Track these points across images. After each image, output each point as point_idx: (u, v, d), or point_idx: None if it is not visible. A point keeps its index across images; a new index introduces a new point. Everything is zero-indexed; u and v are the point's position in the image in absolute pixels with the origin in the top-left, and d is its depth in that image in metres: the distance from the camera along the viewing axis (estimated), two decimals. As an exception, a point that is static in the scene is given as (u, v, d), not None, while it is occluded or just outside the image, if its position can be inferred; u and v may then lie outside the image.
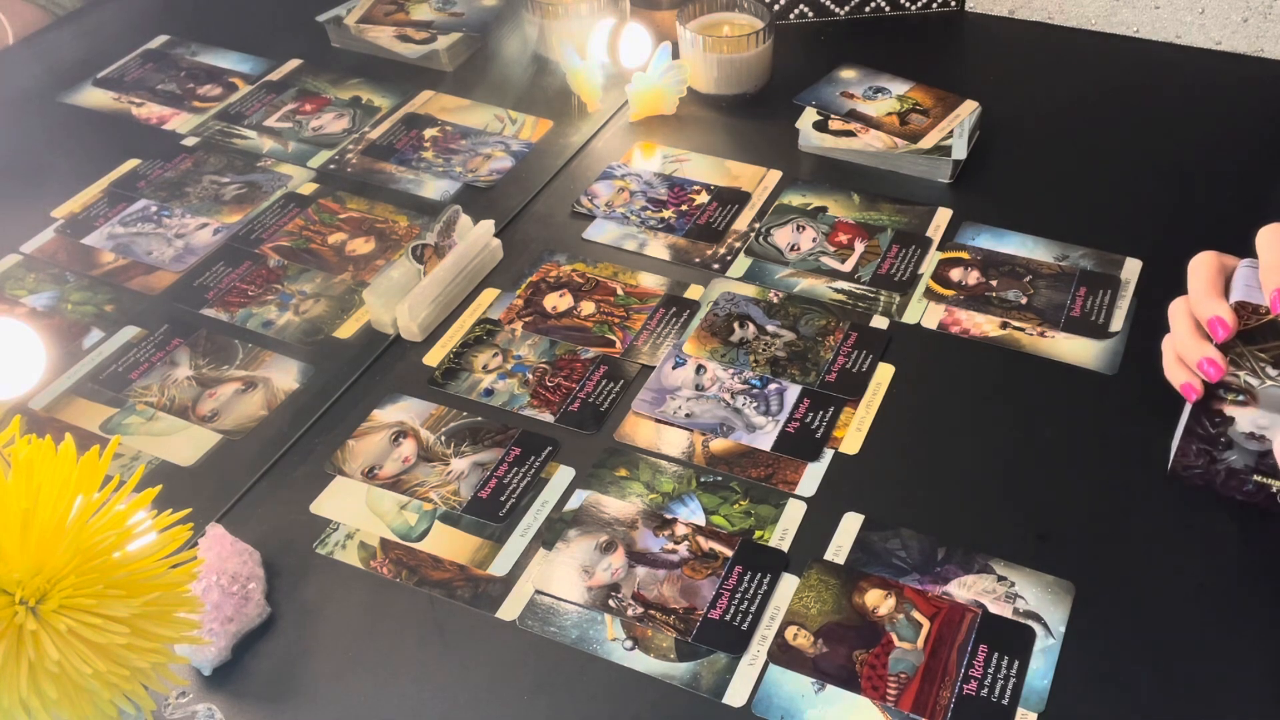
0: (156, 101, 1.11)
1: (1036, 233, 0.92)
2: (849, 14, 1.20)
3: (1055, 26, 1.16)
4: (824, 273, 0.89)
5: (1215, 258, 0.65)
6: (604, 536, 0.72)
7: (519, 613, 0.68)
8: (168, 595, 0.52)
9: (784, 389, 0.80)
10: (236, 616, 0.66)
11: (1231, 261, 0.66)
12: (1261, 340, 0.62)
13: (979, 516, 0.72)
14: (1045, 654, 0.64)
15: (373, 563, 0.71)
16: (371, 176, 1.02)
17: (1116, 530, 0.70)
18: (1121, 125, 1.04)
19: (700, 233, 0.94)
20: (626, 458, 0.76)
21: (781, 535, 0.71)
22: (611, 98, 1.08)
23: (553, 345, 0.84)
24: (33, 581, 0.48)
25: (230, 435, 0.79)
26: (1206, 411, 0.65)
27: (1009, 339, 0.83)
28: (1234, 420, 0.64)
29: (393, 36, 1.18)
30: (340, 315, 0.88)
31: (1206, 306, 0.63)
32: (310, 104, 1.10)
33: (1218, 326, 0.62)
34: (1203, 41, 1.11)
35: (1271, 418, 0.63)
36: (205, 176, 1.02)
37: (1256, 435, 0.64)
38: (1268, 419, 0.63)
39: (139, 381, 0.83)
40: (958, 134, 0.98)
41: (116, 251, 0.94)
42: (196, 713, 0.63)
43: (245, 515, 0.74)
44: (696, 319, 0.86)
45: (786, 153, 1.02)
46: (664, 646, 0.66)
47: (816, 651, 0.65)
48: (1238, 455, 0.65)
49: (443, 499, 0.74)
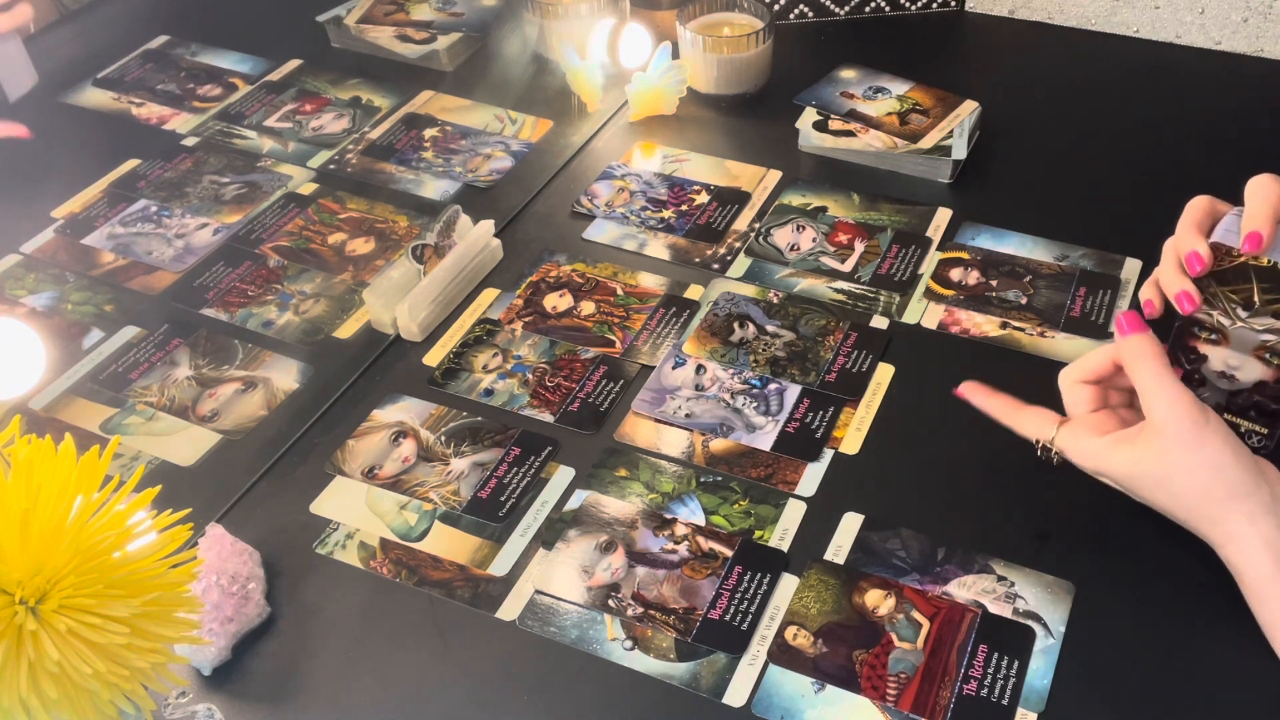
0: (156, 101, 1.11)
1: (1036, 233, 0.92)
2: (849, 14, 1.20)
3: (1055, 26, 1.16)
4: (824, 273, 0.89)
5: (1209, 202, 0.69)
6: (604, 536, 0.72)
7: (519, 613, 0.68)
8: (168, 595, 0.52)
9: (784, 389, 0.80)
10: (236, 616, 0.66)
11: (1224, 208, 0.69)
12: (1234, 282, 0.66)
13: (979, 516, 0.72)
14: (1045, 654, 0.64)
15: (373, 563, 0.71)
16: (371, 176, 1.02)
17: (1116, 530, 0.70)
18: (1122, 125, 1.04)
19: (700, 233, 0.94)
20: (626, 458, 0.76)
21: (781, 535, 0.71)
22: (611, 98, 1.08)
23: (553, 345, 0.84)
24: (33, 581, 0.48)
25: (230, 435, 0.79)
26: (1183, 348, 0.68)
27: (1009, 339, 0.83)
28: (1207, 358, 0.68)
29: (393, 36, 1.18)
30: (340, 315, 0.88)
31: (1186, 242, 0.67)
32: (310, 104, 1.10)
33: (1194, 261, 0.66)
34: (1203, 41, 1.11)
35: (1241, 358, 0.67)
36: (205, 176, 1.02)
37: (1227, 374, 0.67)
38: (1238, 359, 0.67)
39: (139, 381, 0.83)
40: (958, 134, 0.98)
41: (116, 251, 0.94)
42: (196, 713, 0.63)
43: (245, 515, 0.74)
44: (696, 319, 0.86)
45: (786, 153, 1.02)
46: (664, 646, 0.66)
47: (816, 651, 0.65)
48: (1210, 393, 0.68)
49: (443, 499, 0.74)
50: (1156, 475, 0.63)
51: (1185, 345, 0.68)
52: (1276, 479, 0.63)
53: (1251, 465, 0.62)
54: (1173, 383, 0.63)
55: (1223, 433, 0.62)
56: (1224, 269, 0.66)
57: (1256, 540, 0.62)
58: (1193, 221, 0.68)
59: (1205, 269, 0.66)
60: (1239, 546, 0.62)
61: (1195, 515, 0.64)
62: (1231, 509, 0.62)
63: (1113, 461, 0.65)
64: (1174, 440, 0.62)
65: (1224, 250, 0.66)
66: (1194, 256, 0.66)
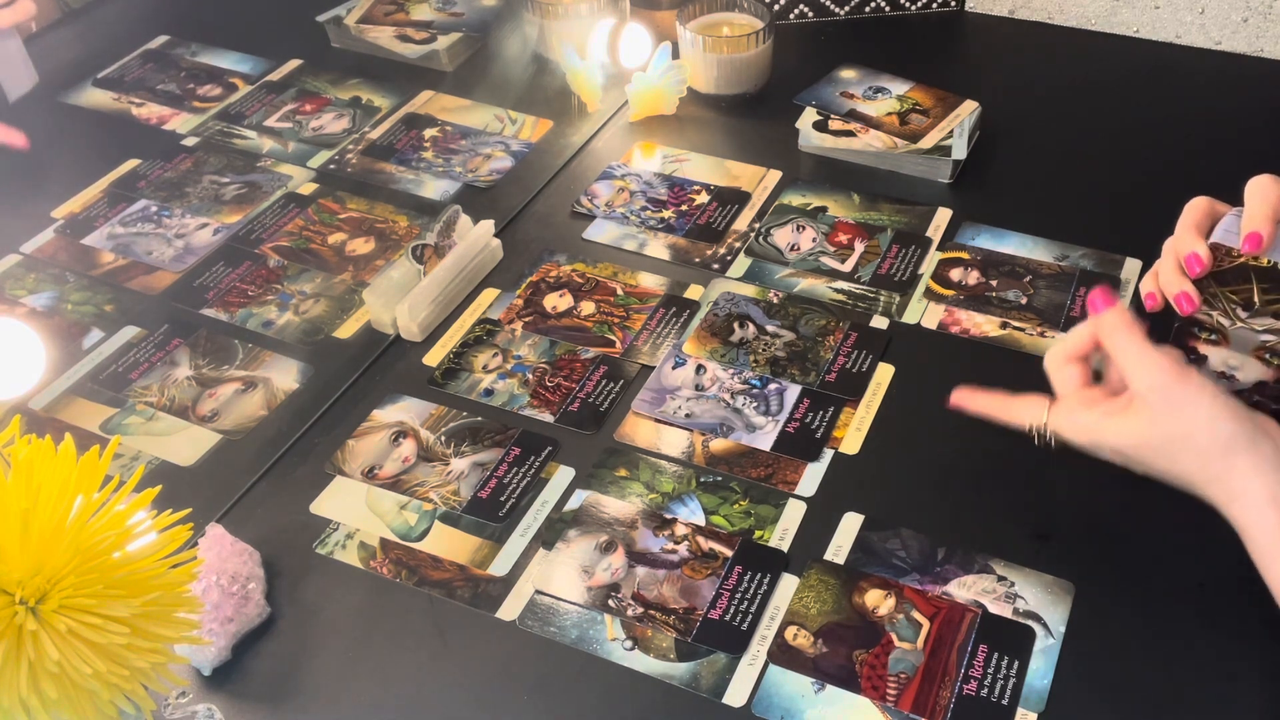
0: (156, 101, 1.11)
1: (1036, 233, 0.92)
2: (849, 14, 1.20)
3: (1055, 26, 1.16)
4: (824, 273, 0.89)
5: (1207, 203, 0.69)
6: (604, 536, 0.72)
7: (519, 613, 0.68)
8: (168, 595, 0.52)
9: (784, 389, 0.80)
10: (236, 616, 0.66)
11: (1224, 209, 0.69)
12: (1234, 283, 0.66)
13: (979, 516, 0.72)
14: (1045, 654, 0.64)
15: (372, 563, 0.71)
16: (371, 176, 1.02)
17: (1116, 530, 0.70)
18: (1122, 125, 1.04)
19: (700, 233, 0.94)
20: (626, 458, 0.76)
21: (781, 535, 0.71)
22: (611, 98, 1.08)
23: (553, 345, 0.84)
24: (33, 581, 0.48)
25: (230, 435, 0.79)
26: (1183, 348, 0.69)
27: (1009, 339, 0.83)
28: (1207, 359, 0.68)
29: (393, 36, 1.18)
30: (340, 315, 0.88)
31: (1185, 243, 0.67)
32: (310, 104, 1.10)
33: (1193, 263, 0.66)
34: (1203, 41, 1.11)
35: (1241, 358, 0.68)
36: (205, 176, 1.02)
37: (1227, 375, 0.68)
38: (1237, 359, 0.68)
39: (139, 381, 0.83)
40: (958, 134, 0.98)
41: (116, 251, 0.94)
42: (196, 713, 0.63)
43: (245, 515, 0.74)
44: (696, 319, 0.86)
45: (786, 153, 1.02)
46: (664, 646, 0.66)
47: (816, 651, 0.65)
48: None
49: (443, 499, 0.74)
50: (1151, 442, 0.63)
51: (1184, 346, 0.68)
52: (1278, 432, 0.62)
53: (1246, 418, 0.61)
54: (1149, 349, 0.62)
55: (1209, 389, 0.61)
56: (1224, 269, 0.66)
57: (1261, 495, 0.60)
58: (1192, 222, 0.68)
59: (1204, 270, 0.66)
60: (1244, 504, 0.61)
61: (1197, 477, 0.62)
62: (1231, 464, 0.60)
63: (1106, 433, 0.64)
64: (1161, 404, 0.61)
65: (1224, 251, 0.66)
66: (1193, 258, 0.66)
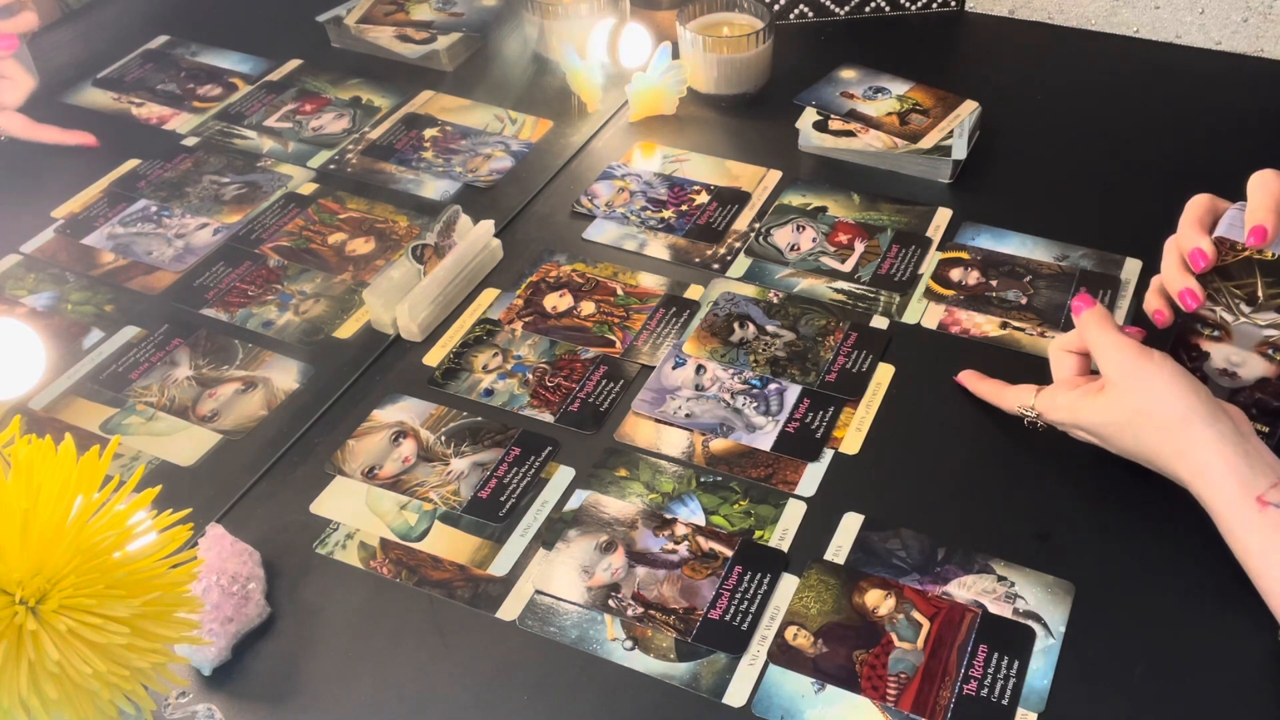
0: (156, 101, 1.11)
1: (1036, 233, 0.92)
2: (849, 14, 1.20)
3: (1055, 26, 1.17)
4: (824, 273, 0.89)
5: (1209, 200, 0.70)
6: (604, 536, 0.72)
7: (519, 613, 0.68)
8: (168, 595, 0.52)
9: (784, 389, 0.80)
10: (236, 616, 0.66)
11: (1225, 206, 0.69)
12: (1238, 277, 0.66)
13: (979, 516, 0.72)
14: (1045, 654, 0.64)
15: (373, 563, 0.71)
16: (371, 176, 1.02)
17: (1116, 530, 0.70)
18: (1122, 125, 1.04)
19: (700, 233, 0.94)
20: (626, 458, 0.76)
21: (781, 535, 0.71)
22: (611, 98, 1.08)
23: (553, 345, 0.84)
24: (33, 581, 0.48)
25: (230, 435, 0.79)
26: (1185, 345, 0.69)
27: (1009, 339, 0.83)
28: (1209, 356, 0.68)
29: (393, 36, 1.18)
30: (340, 315, 0.88)
31: (1188, 239, 0.68)
32: (310, 104, 1.10)
33: (1198, 258, 0.67)
34: (1203, 41, 1.11)
35: (1243, 354, 0.67)
36: (205, 176, 1.02)
37: (1229, 372, 0.68)
38: (1240, 355, 0.67)
39: (139, 381, 0.83)
40: (958, 134, 0.98)
41: (116, 251, 0.94)
42: (196, 713, 0.63)
43: (245, 515, 0.74)
44: (696, 319, 0.86)
45: (786, 153, 1.02)
46: (664, 646, 0.66)
47: (816, 651, 0.65)
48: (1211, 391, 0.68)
49: (443, 499, 0.74)
50: (1118, 420, 0.66)
51: (1187, 343, 0.68)
52: (1242, 419, 0.64)
53: (1207, 396, 0.64)
54: (1118, 336, 0.66)
55: (1169, 366, 0.64)
56: (1227, 264, 0.66)
57: (1221, 466, 0.62)
58: (1194, 219, 0.68)
59: (1209, 264, 0.66)
60: (1206, 478, 0.63)
61: (1161, 451, 0.65)
62: (1192, 438, 0.63)
63: (1082, 413, 0.69)
64: (1126, 383, 0.65)
65: (1228, 245, 0.66)
66: (1198, 253, 0.67)
